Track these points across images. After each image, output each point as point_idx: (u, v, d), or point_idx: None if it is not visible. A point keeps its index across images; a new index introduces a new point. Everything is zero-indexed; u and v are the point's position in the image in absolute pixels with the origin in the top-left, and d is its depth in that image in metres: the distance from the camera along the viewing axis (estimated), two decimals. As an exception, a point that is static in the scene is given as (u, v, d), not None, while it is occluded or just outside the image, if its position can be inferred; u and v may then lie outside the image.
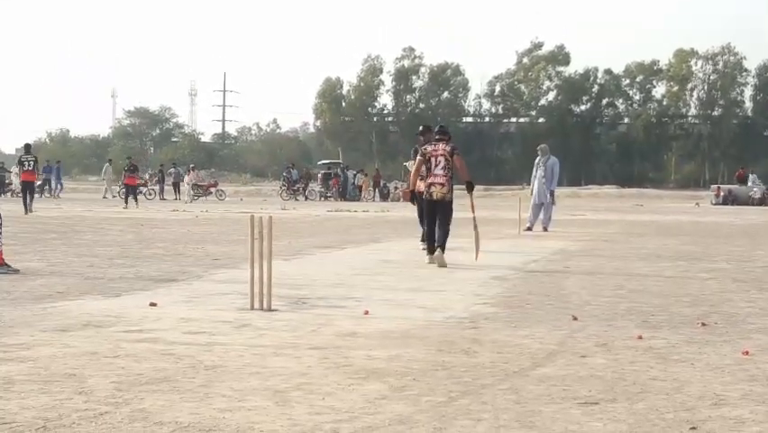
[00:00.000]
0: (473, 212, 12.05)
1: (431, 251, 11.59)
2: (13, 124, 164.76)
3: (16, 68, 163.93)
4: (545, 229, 19.31)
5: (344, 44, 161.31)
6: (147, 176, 49.89)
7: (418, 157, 12.04)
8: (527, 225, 19.40)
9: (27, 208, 25.79)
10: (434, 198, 11.69)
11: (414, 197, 12.71)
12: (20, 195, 44.80)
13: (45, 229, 17.66)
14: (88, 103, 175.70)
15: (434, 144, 11.89)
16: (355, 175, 51.33)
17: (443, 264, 11.16)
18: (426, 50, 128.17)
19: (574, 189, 59.18)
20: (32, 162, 27.14)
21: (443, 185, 11.66)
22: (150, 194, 45.29)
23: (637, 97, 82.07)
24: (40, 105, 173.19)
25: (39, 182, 46.99)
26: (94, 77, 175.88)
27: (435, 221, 11.65)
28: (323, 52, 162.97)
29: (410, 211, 14.16)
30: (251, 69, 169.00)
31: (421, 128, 13.42)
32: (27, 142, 28.17)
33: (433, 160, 11.71)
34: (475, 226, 12.04)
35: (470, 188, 11.97)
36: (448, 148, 11.75)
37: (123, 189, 35.34)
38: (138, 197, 33.88)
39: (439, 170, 11.67)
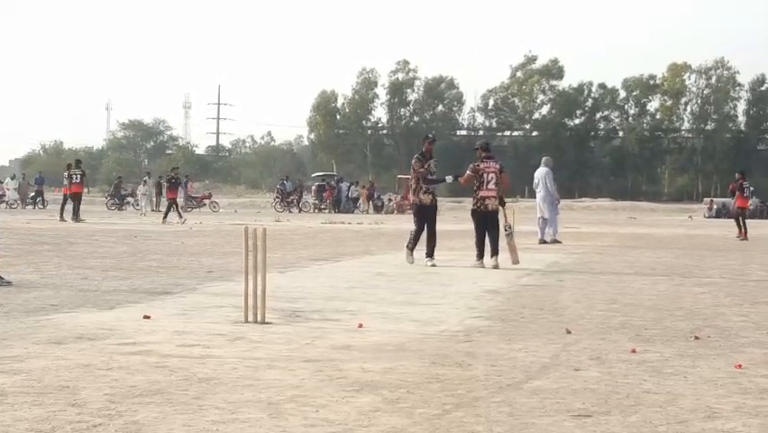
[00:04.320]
0: (507, 221, 13.69)
1: (481, 256, 13.15)
2: (7, 136, 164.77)
3: (10, 79, 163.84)
4: (546, 241, 19.35)
5: (339, 58, 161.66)
6: (140, 188, 49.70)
7: (468, 172, 13.62)
8: (551, 238, 19.39)
9: (74, 218, 27.87)
10: (489, 209, 13.38)
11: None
12: (14, 206, 45.37)
13: (39, 241, 17.63)
14: (82, 115, 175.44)
15: (486, 162, 13.54)
16: (349, 187, 51.36)
17: (497, 267, 12.74)
18: (421, 64, 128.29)
19: (567, 202, 59.22)
20: (79, 176, 28.84)
21: (495, 198, 13.39)
22: (136, 205, 45.28)
23: (632, 111, 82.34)
24: (34, 116, 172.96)
25: (32, 194, 47.28)
26: (88, 89, 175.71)
27: (486, 230, 13.26)
28: (317, 66, 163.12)
29: (405, 223, 14.16)
30: (245, 81, 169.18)
31: (430, 136, 14.44)
32: (77, 158, 32.53)
33: (485, 175, 13.39)
34: (511, 234, 13.61)
35: (503, 203, 13.63)
36: (498, 166, 13.56)
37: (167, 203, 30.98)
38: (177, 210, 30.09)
39: (492, 186, 13.38)
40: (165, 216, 29.57)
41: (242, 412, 4.27)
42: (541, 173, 20.19)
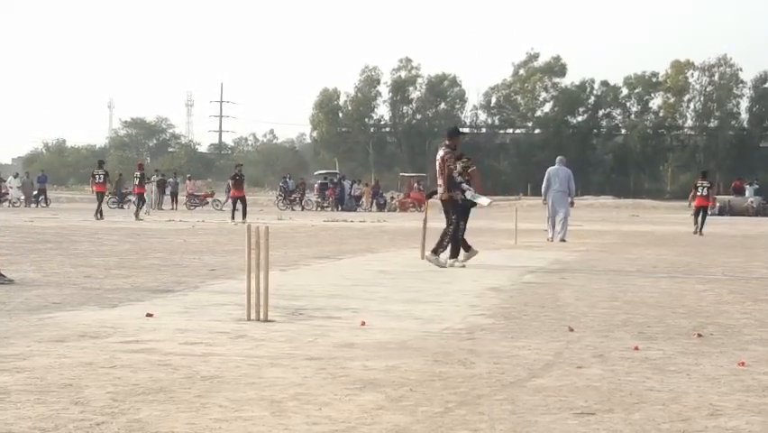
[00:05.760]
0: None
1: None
2: (10, 134, 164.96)
3: (13, 78, 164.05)
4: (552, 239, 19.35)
5: (342, 55, 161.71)
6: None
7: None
8: (560, 237, 19.39)
9: (97, 215, 28.53)
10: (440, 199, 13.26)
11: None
12: (16, 204, 45.39)
13: (41, 239, 17.63)
14: (85, 113, 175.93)
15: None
16: (352, 185, 51.36)
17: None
18: (423, 62, 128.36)
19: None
20: (102, 175, 29.65)
21: (441, 186, 12.99)
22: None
23: (634, 108, 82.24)
24: (37, 115, 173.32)
25: (35, 192, 47.29)
26: (91, 87, 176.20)
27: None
28: (320, 63, 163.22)
29: (407, 221, 14.15)
30: (248, 79, 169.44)
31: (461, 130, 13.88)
32: (100, 159, 35.58)
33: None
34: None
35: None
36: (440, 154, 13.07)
37: (229, 202, 29.90)
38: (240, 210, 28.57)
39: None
40: (234, 216, 28.61)
41: (244, 410, 4.27)
42: (566, 173, 20.10)
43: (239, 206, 28.99)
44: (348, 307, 8.16)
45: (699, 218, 24.49)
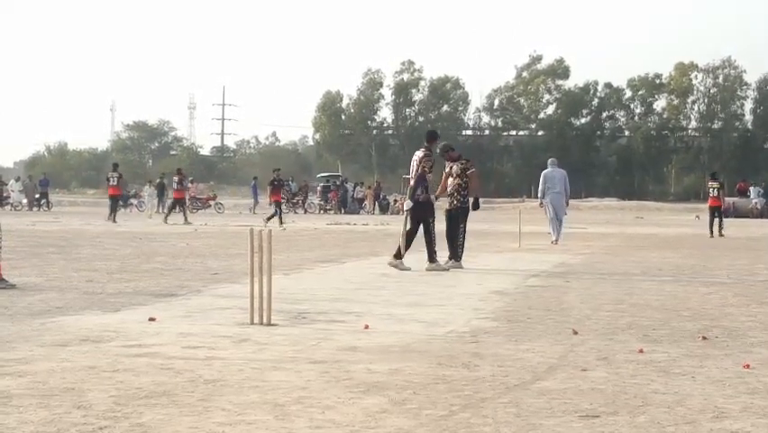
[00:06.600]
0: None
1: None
2: (12, 138, 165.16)
3: (15, 81, 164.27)
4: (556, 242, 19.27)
5: (344, 58, 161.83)
6: (145, 188, 49.68)
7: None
8: (559, 239, 19.35)
9: (111, 218, 29.23)
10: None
11: None
12: (18, 208, 45.43)
13: (43, 243, 17.63)
14: (87, 116, 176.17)
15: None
16: (354, 188, 51.37)
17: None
18: (426, 64, 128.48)
19: (575, 202, 59.08)
20: (116, 178, 30.48)
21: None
22: (140, 206, 45.47)
23: (638, 110, 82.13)
24: (38, 118, 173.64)
25: (37, 195, 47.31)
26: (92, 90, 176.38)
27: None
28: (322, 66, 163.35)
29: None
30: (250, 82, 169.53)
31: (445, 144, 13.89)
32: (115, 161, 36.48)
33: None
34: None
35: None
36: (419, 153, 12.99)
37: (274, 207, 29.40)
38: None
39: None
40: (269, 219, 28.41)
41: (248, 414, 4.26)
42: (561, 175, 20.10)
43: (276, 209, 29.23)
44: (351, 310, 8.14)
45: (710, 220, 24.41)
